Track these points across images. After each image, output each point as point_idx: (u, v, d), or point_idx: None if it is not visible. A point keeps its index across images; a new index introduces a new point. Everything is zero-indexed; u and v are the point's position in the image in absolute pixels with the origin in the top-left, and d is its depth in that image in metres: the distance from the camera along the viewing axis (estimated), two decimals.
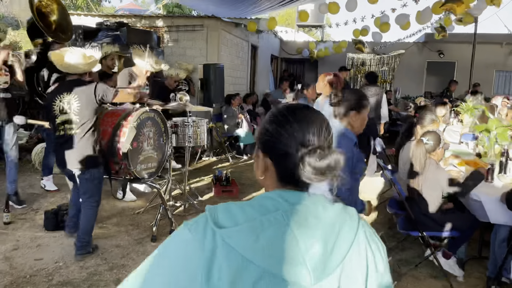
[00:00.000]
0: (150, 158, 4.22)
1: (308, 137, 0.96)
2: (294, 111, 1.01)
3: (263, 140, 1.02)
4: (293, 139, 0.96)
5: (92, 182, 3.55)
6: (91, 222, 3.63)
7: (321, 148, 0.93)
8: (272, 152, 0.99)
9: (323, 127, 0.99)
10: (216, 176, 5.92)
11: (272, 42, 13.98)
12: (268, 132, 1.01)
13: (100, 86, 3.52)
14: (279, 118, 1.01)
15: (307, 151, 0.93)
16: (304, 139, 0.95)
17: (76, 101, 3.44)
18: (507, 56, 14.52)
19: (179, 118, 5.18)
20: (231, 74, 9.45)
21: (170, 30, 8.71)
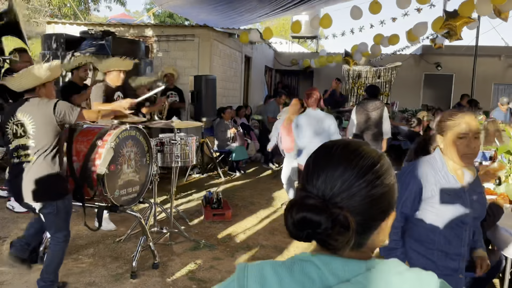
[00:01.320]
0: (131, 182, 3.73)
1: (312, 180, 0.82)
2: (322, 148, 0.87)
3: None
4: (306, 181, 0.83)
5: (57, 216, 3.03)
6: (57, 260, 3.11)
7: (314, 197, 0.78)
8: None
9: (345, 174, 0.79)
10: (206, 197, 5.43)
11: (266, 53, 13.61)
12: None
13: (61, 104, 3.02)
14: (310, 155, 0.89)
15: (298, 196, 0.80)
16: (308, 181, 0.82)
17: (31, 122, 2.93)
18: (505, 69, 14.27)
19: (165, 135, 4.71)
20: (223, 86, 9.02)
21: (160, 40, 8.28)
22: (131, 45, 6.83)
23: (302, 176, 0.86)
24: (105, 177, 3.34)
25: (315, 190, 0.80)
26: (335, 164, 0.81)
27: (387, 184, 0.83)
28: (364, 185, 0.79)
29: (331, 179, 0.79)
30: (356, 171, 0.79)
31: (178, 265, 3.87)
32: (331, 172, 0.80)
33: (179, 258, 4.01)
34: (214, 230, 4.80)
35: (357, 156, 0.82)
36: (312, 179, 0.81)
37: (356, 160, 0.81)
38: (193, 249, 4.22)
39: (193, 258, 4.03)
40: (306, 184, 0.82)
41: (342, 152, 0.83)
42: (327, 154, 0.84)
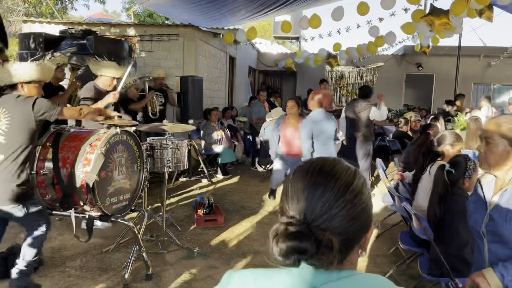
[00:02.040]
0: (122, 189, 3.53)
1: (292, 204, 0.83)
2: (299, 170, 0.89)
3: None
4: (285, 205, 0.85)
5: (29, 218, 2.91)
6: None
7: (297, 223, 0.79)
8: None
9: (324, 196, 0.81)
10: (197, 202, 5.24)
11: (250, 53, 13.46)
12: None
13: (40, 101, 2.86)
14: (288, 177, 0.91)
15: (282, 223, 0.80)
16: (291, 209, 0.83)
17: (6, 117, 2.74)
18: (484, 69, 14.52)
19: (155, 139, 4.51)
20: (209, 87, 8.82)
21: (143, 39, 8.02)
22: (114, 45, 6.56)
23: (281, 199, 0.87)
24: (95, 185, 3.14)
25: (297, 214, 0.81)
26: (313, 186, 0.82)
27: (364, 200, 0.85)
28: (343, 205, 0.81)
29: (311, 202, 0.80)
30: (334, 192, 0.81)
31: (173, 275, 3.68)
32: (311, 195, 0.81)
33: (173, 267, 3.82)
34: (207, 236, 4.62)
35: (334, 177, 0.83)
36: (292, 203, 0.82)
37: (333, 181, 0.82)
38: (187, 257, 4.03)
39: (188, 267, 3.84)
40: (286, 208, 0.83)
41: (319, 173, 0.84)
42: (304, 177, 0.85)
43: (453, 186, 2.96)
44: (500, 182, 1.74)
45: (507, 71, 14.24)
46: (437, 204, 2.93)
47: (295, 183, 0.85)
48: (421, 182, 3.55)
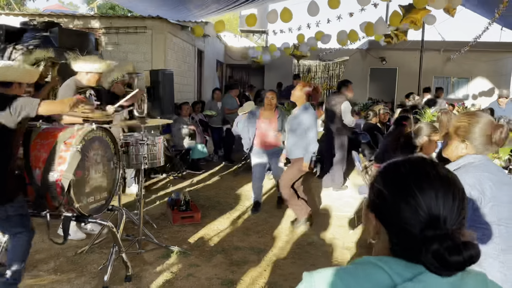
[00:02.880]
0: (99, 188, 3.38)
1: (436, 214, 0.78)
2: (419, 175, 0.82)
3: (375, 202, 0.87)
4: (416, 215, 0.79)
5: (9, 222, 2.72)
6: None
7: (453, 235, 0.76)
8: (386, 221, 0.84)
9: (456, 198, 0.80)
10: (172, 199, 5.12)
11: (217, 47, 13.32)
12: (383, 197, 0.83)
13: (18, 100, 2.69)
14: (399, 184, 0.83)
15: (433, 237, 0.76)
16: (430, 217, 0.78)
17: None
18: (444, 62, 15.04)
19: (129, 135, 4.35)
20: (178, 81, 8.64)
21: (109, 32, 7.74)
22: (79, 38, 6.30)
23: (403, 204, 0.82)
24: (71, 184, 2.98)
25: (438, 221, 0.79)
26: (446, 193, 0.81)
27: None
28: (466, 207, 0.83)
29: (449, 205, 0.80)
30: (460, 196, 0.82)
31: (153, 275, 3.57)
32: (447, 197, 0.80)
33: (153, 267, 3.71)
34: (184, 234, 4.53)
35: (454, 181, 0.84)
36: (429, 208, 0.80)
37: (457, 185, 0.83)
38: (166, 256, 3.93)
39: (168, 266, 3.74)
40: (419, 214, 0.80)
41: (444, 180, 0.83)
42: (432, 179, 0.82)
43: None
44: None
45: (465, 65, 14.83)
46: None
47: (423, 187, 0.81)
48: None
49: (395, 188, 0.83)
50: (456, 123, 1.91)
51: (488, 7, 9.42)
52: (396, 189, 0.83)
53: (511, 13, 9.13)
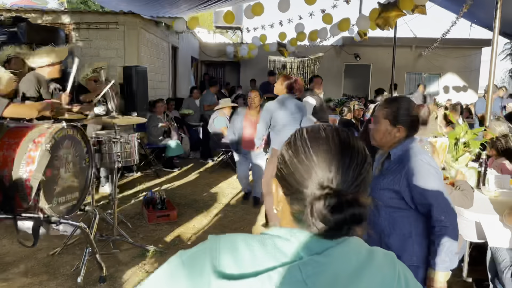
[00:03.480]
0: (70, 188, 3.28)
1: (328, 175, 0.77)
2: (318, 137, 0.82)
3: (278, 168, 0.86)
4: (309, 175, 0.78)
5: None
6: None
7: (341, 194, 0.75)
8: (284, 185, 0.83)
9: (353, 161, 0.79)
10: (148, 198, 5.04)
11: (192, 43, 13.17)
12: (283, 160, 0.84)
13: None
14: (297, 144, 0.83)
15: (320, 196, 0.75)
16: (322, 177, 0.77)
17: None
18: (416, 58, 15.34)
19: (102, 132, 4.25)
20: (152, 78, 8.50)
21: (79, 27, 7.54)
22: (49, 33, 6.12)
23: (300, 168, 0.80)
24: (41, 185, 2.88)
25: (332, 183, 0.77)
26: (340, 154, 0.79)
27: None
28: (368, 168, 0.81)
29: (344, 170, 0.78)
30: (360, 157, 0.80)
31: (128, 275, 3.51)
32: (342, 163, 0.78)
33: (128, 267, 3.65)
34: (160, 233, 4.47)
35: (353, 142, 0.82)
36: (322, 173, 0.77)
37: (356, 147, 0.82)
38: (141, 256, 3.87)
39: (143, 266, 3.69)
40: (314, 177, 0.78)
41: (341, 141, 0.81)
42: (326, 145, 0.80)
43: None
44: (381, 156, 2.07)
45: (436, 61, 15.16)
46: None
47: (318, 150, 0.80)
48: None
49: (293, 149, 0.82)
50: (386, 109, 1.94)
51: (456, 3, 9.64)
52: (294, 151, 0.82)
53: (479, 9, 9.39)
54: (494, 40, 5.38)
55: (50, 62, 3.94)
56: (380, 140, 1.96)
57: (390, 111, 1.91)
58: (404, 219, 1.89)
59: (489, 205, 2.94)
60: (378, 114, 1.96)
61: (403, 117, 1.91)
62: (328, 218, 0.73)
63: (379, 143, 1.98)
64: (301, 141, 0.82)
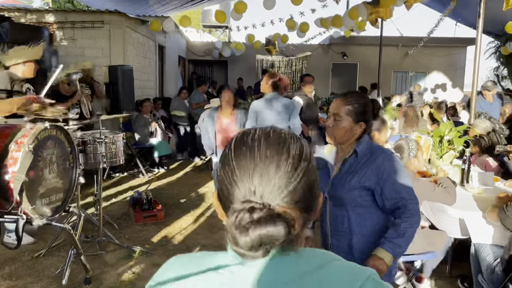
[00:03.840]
0: (54, 189, 3.24)
1: (249, 188, 0.70)
2: (242, 143, 0.75)
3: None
4: (233, 188, 0.72)
5: None
6: None
7: (261, 208, 0.66)
8: (219, 199, 0.76)
9: (280, 169, 0.70)
10: (134, 198, 5.00)
11: (179, 42, 13.10)
12: (217, 172, 0.77)
13: None
14: (224, 153, 0.76)
15: (238, 210, 0.67)
16: (245, 190, 0.70)
17: None
18: (402, 57, 15.46)
19: (87, 133, 4.21)
20: (138, 77, 8.42)
21: (64, 26, 7.44)
22: (33, 32, 6.03)
23: (224, 181, 0.73)
24: (24, 186, 2.84)
25: (254, 195, 0.69)
26: (265, 160, 0.71)
27: (315, 167, 0.78)
28: (301, 175, 0.72)
29: (268, 179, 0.69)
30: (290, 162, 0.71)
31: (114, 277, 3.47)
32: (265, 170, 0.70)
33: (113, 268, 3.61)
34: (147, 233, 4.43)
35: (284, 145, 0.73)
36: (244, 183, 0.70)
37: (286, 150, 0.72)
38: (128, 257, 3.83)
39: (130, 267, 3.66)
40: (236, 191, 0.71)
41: (267, 145, 0.73)
42: (250, 151, 0.72)
43: None
44: (342, 154, 1.96)
45: (422, 59, 15.30)
46: None
47: (240, 160, 0.72)
48: None
49: (222, 160, 0.76)
50: (348, 106, 1.86)
51: (441, 2, 9.75)
52: (222, 161, 0.75)
53: (464, 8, 9.50)
54: (477, 38, 5.44)
55: (24, 61, 3.86)
56: (341, 138, 1.87)
57: (352, 107, 1.85)
58: (372, 215, 1.89)
59: (473, 202, 2.98)
60: (338, 111, 1.85)
61: (365, 113, 1.87)
62: (243, 237, 0.66)
63: (339, 141, 1.89)
64: (228, 150, 0.75)
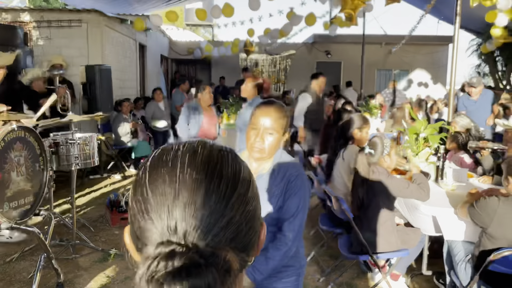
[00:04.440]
0: (23, 192, 3.15)
1: (169, 224, 0.52)
2: (161, 165, 0.57)
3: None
4: (147, 224, 0.54)
5: None
6: None
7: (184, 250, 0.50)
8: (132, 237, 0.59)
9: (210, 199, 0.53)
10: (111, 200, 4.92)
11: (161, 41, 12.97)
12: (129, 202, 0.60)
13: None
14: (137, 177, 0.59)
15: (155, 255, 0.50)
16: (163, 228, 0.52)
17: None
18: (386, 55, 15.55)
19: (59, 134, 4.11)
20: (118, 77, 8.31)
21: (40, 26, 7.30)
22: (6, 32, 5.89)
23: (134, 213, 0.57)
24: None
25: (174, 235, 0.52)
26: (190, 189, 0.54)
27: (255, 191, 0.62)
28: (237, 206, 0.56)
29: (192, 213, 0.53)
30: (222, 191, 0.55)
31: (87, 281, 3.40)
32: (190, 202, 0.53)
33: (87, 272, 3.54)
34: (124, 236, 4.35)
35: (216, 169, 0.57)
36: (161, 218, 0.53)
37: (218, 176, 0.56)
38: (102, 260, 3.76)
39: (104, 270, 3.58)
40: (151, 228, 0.54)
41: (194, 167, 0.56)
42: (171, 176, 0.55)
43: (374, 167, 3.05)
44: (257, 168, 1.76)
45: (406, 57, 15.41)
46: (360, 186, 3.02)
47: (156, 187, 0.55)
48: (335, 167, 3.65)
49: (133, 185, 0.59)
50: (280, 120, 1.68)
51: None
52: (133, 187, 0.59)
53: (445, 6, 9.58)
54: (455, 36, 5.47)
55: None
56: (271, 153, 1.70)
57: (284, 119, 1.70)
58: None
59: (445, 199, 2.98)
60: (272, 126, 1.66)
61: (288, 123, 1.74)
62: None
63: (268, 157, 1.70)
64: (142, 173, 0.58)
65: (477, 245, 2.44)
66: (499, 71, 13.19)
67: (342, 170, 3.59)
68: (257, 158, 1.71)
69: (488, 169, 3.58)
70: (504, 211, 2.28)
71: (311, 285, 3.39)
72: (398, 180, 2.95)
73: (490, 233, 2.34)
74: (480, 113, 5.94)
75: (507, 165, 2.45)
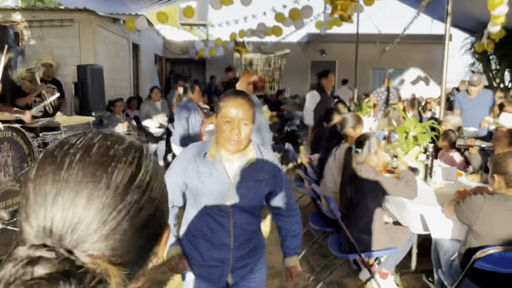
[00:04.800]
0: (11, 192, 3.14)
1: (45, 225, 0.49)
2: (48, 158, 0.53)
3: None
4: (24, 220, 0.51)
5: None
6: None
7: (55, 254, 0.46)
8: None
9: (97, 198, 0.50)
10: None
11: (155, 40, 12.94)
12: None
13: None
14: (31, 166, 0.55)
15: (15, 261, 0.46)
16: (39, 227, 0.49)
17: None
18: (380, 54, 15.58)
19: (49, 134, 4.10)
20: (111, 76, 8.28)
21: (32, 25, 7.26)
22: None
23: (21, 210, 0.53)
24: None
25: (47, 237, 0.49)
26: (73, 188, 0.50)
27: (157, 192, 0.56)
28: (125, 212, 0.51)
29: (71, 215, 0.49)
30: (110, 193, 0.51)
31: None
32: (70, 203, 0.50)
33: None
34: None
35: (107, 167, 0.52)
36: (37, 217, 0.50)
37: (107, 175, 0.52)
38: None
39: None
40: (27, 228, 0.50)
41: (82, 165, 0.52)
42: (55, 172, 0.51)
43: (361, 165, 3.06)
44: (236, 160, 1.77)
45: (400, 56, 15.45)
46: (348, 185, 3.02)
47: (40, 183, 0.51)
48: (327, 166, 3.65)
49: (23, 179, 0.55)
50: (251, 110, 1.68)
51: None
52: (22, 181, 0.55)
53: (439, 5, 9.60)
54: (446, 35, 5.49)
55: None
56: (245, 144, 1.70)
57: (253, 108, 1.69)
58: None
59: (433, 197, 2.99)
60: (247, 116, 1.65)
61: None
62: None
63: (242, 148, 1.70)
64: (33, 166, 0.55)
65: (463, 243, 2.45)
66: (493, 70, 13.25)
67: (333, 168, 3.59)
68: (232, 151, 1.69)
69: (476, 167, 3.60)
70: (489, 209, 2.28)
71: (301, 284, 3.39)
72: (386, 179, 2.96)
73: (476, 231, 2.35)
74: (475, 113, 5.76)
75: (493, 163, 2.45)
